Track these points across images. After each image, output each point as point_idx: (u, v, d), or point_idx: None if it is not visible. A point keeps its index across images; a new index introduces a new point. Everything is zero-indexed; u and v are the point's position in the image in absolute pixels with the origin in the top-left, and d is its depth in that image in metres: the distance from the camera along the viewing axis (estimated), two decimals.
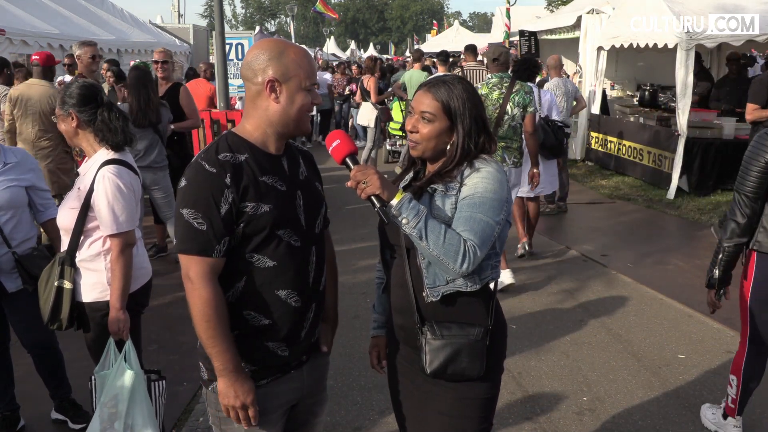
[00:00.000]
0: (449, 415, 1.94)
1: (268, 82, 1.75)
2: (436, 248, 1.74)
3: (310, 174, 1.96)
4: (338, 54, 35.89)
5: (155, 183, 5.44)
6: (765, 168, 2.70)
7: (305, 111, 1.81)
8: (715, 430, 3.25)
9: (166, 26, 16.12)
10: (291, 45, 1.83)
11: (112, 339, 2.62)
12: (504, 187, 1.85)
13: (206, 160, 1.74)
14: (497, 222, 1.82)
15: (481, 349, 1.86)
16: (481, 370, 1.87)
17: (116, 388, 2.52)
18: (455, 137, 1.88)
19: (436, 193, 1.86)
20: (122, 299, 2.61)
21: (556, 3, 24.91)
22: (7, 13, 8.69)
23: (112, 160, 2.65)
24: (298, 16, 56.19)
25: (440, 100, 1.87)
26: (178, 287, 1.78)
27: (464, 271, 1.77)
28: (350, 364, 3.84)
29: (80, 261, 2.66)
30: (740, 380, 3.07)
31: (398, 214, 1.74)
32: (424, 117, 1.88)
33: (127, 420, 2.49)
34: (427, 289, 1.86)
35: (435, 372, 1.86)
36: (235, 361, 1.76)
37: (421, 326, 1.88)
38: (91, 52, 5.90)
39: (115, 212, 2.58)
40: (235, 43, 7.80)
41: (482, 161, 1.87)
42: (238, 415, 1.79)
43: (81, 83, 2.72)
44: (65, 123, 2.68)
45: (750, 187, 2.74)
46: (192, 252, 1.72)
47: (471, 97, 1.91)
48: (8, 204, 2.94)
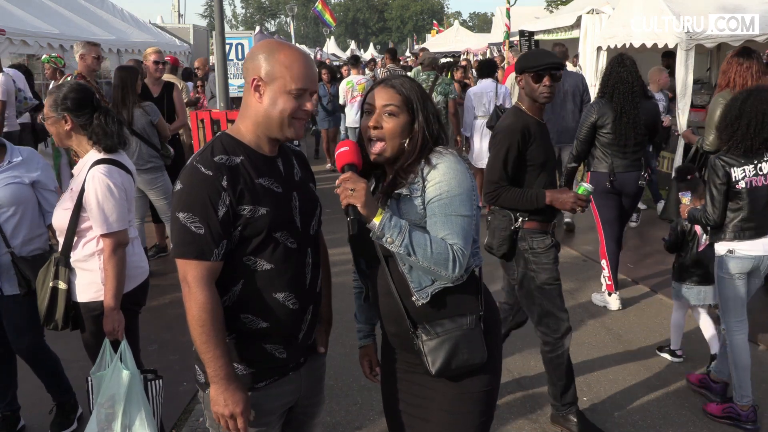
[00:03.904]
0: (449, 411, 1.93)
1: (252, 80, 1.75)
2: (425, 260, 1.74)
3: (304, 175, 1.95)
4: (338, 54, 35.90)
5: (149, 184, 5.40)
6: (591, 125, 4.66)
7: (288, 115, 1.75)
8: (603, 304, 4.83)
9: (166, 26, 16.12)
10: (286, 47, 1.78)
11: (107, 339, 2.60)
12: (466, 176, 1.85)
13: (202, 162, 1.72)
14: (472, 215, 1.83)
15: (478, 335, 1.88)
16: (484, 356, 1.87)
17: (112, 389, 2.50)
18: (416, 130, 1.87)
19: (402, 197, 1.84)
20: (116, 299, 2.60)
21: (555, 3, 24.91)
22: (7, 13, 8.69)
23: (102, 159, 2.64)
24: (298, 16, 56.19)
25: (401, 93, 1.86)
26: (177, 287, 1.77)
27: (457, 275, 1.78)
28: (350, 364, 3.83)
29: (75, 261, 2.66)
30: (608, 261, 4.77)
31: (381, 235, 1.73)
32: (387, 112, 1.85)
33: (124, 420, 2.48)
34: (414, 293, 1.85)
35: (440, 370, 1.85)
36: (228, 368, 1.74)
37: (415, 330, 1.87)
38: (95, 53, 5.92)
39: (105, 212, 2.57)
40: (235, 43, 7.79)
41: (437, 155, 1.85)
42: (228, 424, 1.77)
43: (76, 86, 2.70)
44: (57, 125, 2.66)
45: (582, 136, 4.72)
46: (189, 256, 1.70)
47: (421, 89, 1.91)
48: (8, 201, 2.91)
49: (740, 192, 3.10)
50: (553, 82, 2.97)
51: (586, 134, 4.68)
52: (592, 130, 4.66)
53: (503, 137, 3.01)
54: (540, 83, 2.98)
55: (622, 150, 4.62)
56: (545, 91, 2.99)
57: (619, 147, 4.61)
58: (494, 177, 3.03)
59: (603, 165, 4.68)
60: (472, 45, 22.66)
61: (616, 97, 4.58)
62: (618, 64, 4.64)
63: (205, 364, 1.74)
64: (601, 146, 4.68)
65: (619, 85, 4.56)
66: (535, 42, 12.95)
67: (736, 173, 3.09)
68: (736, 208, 3.13)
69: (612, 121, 4.57)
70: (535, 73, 2.97)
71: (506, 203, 3.04)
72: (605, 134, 4.64)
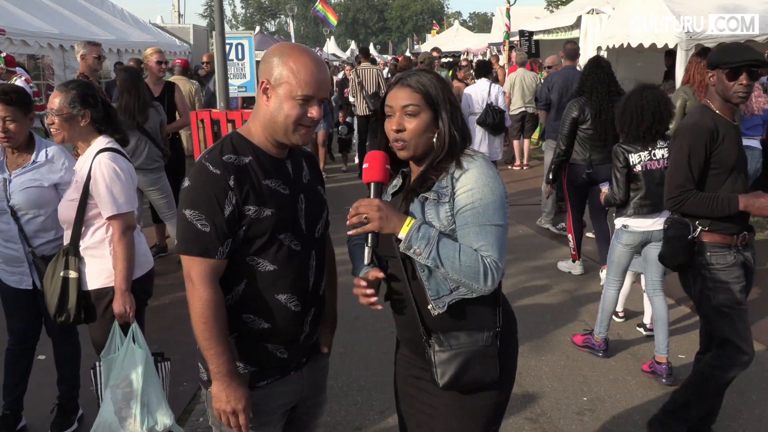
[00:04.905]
0: (456, 421, 1.89)
1: (262, 83, 1.76)
2: (454, 272, 1.68)
3: (312, 177, 1.95)
4: (338, 54, 35.90)
5: (151, 184, 5.42)
6: (573, 121, 5.02)
7: (293, 122, 1.73)
8: (568, 270, 5.49)
9: (166, 26, 16.13)
10: (298, 52, 1.74)
11: (116, 323, 2.64)
12: (498, 182, 1.77)
13: (210, 161, 1.73)
14: (505, 224, 1.77)
15: (493, 353, 1.80)
16: (496, 374, 1.81)
17: (128, 368, 2.54)
18: (441, 126, 1.80)
19: (428, 201, 1.77)
20: (127, 281, 2.64)
21: (555, 3, 24.90)
22: (7, 13, 8.70)
23: (107, 148, 2.70)
24: (298, 16, 56.18)
25: (419, 90, 1.79)
26: (178, 287, 1.78)
27: (490, 288, 1.71)
28: (350, 364, 3.84)
29: (84, 249, 2.69)
30: (574, 236, 5.37)
31: (408, 246, 1.68)
32: (407, 112, 1.79)
33: (143, 398, 2.52)
34: (431, 301, 1.78)
35: (448, 384, 1.79)
36: (230, 365, 1.74)
37: (428, 338, 1.81)
38: (96, 53, 5.93)
39: (113, 194, 2.61)
40: (235, 43, 7.76)
41: (468, 159, 1.79)
42: (229, 420, 1.77)
43: (87, 83, 2.76)
44: (72, 122, 2.68)
45: (566, 132, 5.08)
46: (194, 253, 1.71)
47: (442, 82, 1.83)
48: (27, 205, 2.94)
49: (638, 174, 3.66)
50: (751, 81, 2.61)
51: (569, 130, 5.06)
52: (573, 125, 5.03)
53: (687, 137, 2.73)
54: (735, 81, 2.63)
55: (600, 144, 5.03)
56: (740, 91, 2.63)
57: (598, 141, 5.03)
58: (679, 179, 2.73)
59: (581, 157, 5.14)
60: (472, 45, 22.64)
61: (594, 97, 4.98)
62: (595, 66, 5.04)
63: (208, 360, 1.75)
64: (580, 140, 5.10)
65: (597, 86, 4.94)
66: (535, 42, 12.93)
67: (633, 158, 3.66)
68: (636, 188, 3.68)
69: (592, 118, 5.00)
70: (730, 69, 2.62)
71: (693, 209, 2.73)
72: (585, 130, 5.05)
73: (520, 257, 5.93)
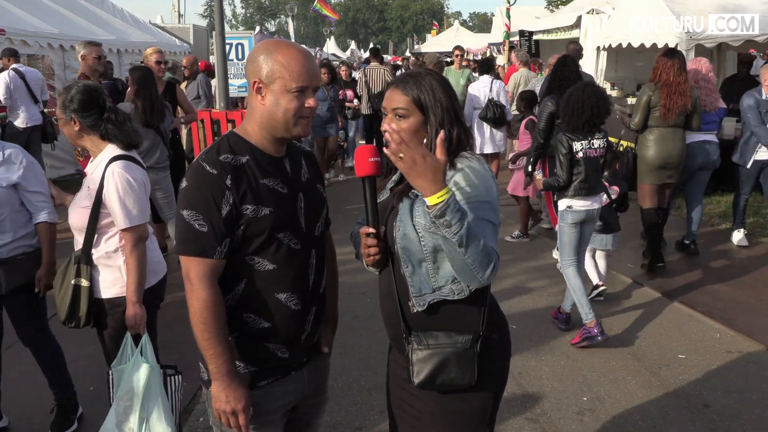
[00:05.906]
0: (440, 424, 1.87)
1: (254, 83, 1.75)
2: (471, 256, 1.60)
3: (311, 175, 1.94)
4: (338, 54, 35.93)
5: (157, 183, 5.43)
6: (549, 116, 5.26)
7: (293, 115, 1.73)
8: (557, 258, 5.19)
9: (166, 26, 16.11)
10: (283, 46, 1.76)
11: (128, 333, 2.63)
12: (492, 183, 1.77)
13: (207, 161, 1.73)
14: (498, 224, 1.77)
15: (471, 356, 1.78)
16: (472, 379, 1.78)
17: (131, 382, 2.53)
18: (429, 130, 1.80)
19: (418, 199, 1.74)
20: (138, 293, 2.63)
21: (555, 3, 24.91)
22: (7, 13, 8.69)
23: (120, 156, 2.67)
24: (298, 16, 56.16)
25: (409, 94, 1.79)
26: (178, 287, 1.77)
27: (488, 280, 1.68)
28: (350, 364, 3.84)
29: (98, 258, 2.68)
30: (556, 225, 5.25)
31: (441, 214, 1.56)
32: (397, 114, 1.80)
33: (142, 413, 2.50)
34: (413, 298, 1.79)
35: (422, 383, 1.78)
36: (229, 365, 1.74)
37: (408, 336, 1.81)
38: (97, 53, 5.93)
39: (127, 206, 2.60)
40: (235, 43, 7.77)
41: (462, 159, 1.79)
42: (229, 420, 1.77)
43: (82, 87, 2.71)
44: (67, 127, 2.69)
45: (543, 126, 5.33)
46: (192, 253, 1.71)
47: (441, 87, 1.82)
48: None
49: (579, 160, 4.08)
50: None
51: (546, 124, 5.36)
52: (551, 119, 5.31)
53: None
54: None
55: None
56: None
57: None
58: None
59: None
60: (472, 45, 22.66)
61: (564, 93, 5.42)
62: (561, 65, 5.44)
63: (207, 360, 1.75)
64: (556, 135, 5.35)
65: (564, 83, 5.18)
66: (534, 42, 12.94)
67: (576, 146, 4.08)
68: (577, 173, 4.10)
69: None
70: None
71: None
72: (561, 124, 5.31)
73: (519, 257, 5.94)
